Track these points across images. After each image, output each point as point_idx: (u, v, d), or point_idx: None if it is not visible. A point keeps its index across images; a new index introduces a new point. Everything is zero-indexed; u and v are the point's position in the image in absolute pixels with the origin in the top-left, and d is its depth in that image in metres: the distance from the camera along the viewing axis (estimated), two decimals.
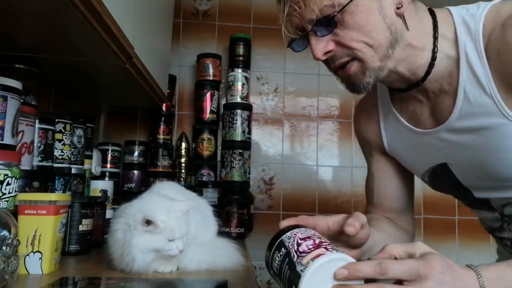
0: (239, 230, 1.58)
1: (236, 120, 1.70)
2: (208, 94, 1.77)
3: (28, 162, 0.99)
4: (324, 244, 0.53)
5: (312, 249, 0.52)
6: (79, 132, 1.29)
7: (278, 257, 0.55)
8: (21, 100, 0.91)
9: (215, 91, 1.78)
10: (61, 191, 1.13)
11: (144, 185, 1.65)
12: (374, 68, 0.68)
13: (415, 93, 0.76)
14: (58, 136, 1.15)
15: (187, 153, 1.79)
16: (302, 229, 0.58)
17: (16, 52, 1.01)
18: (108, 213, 1.28)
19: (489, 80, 0.66)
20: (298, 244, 0.54)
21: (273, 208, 1.85)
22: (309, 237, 0.55)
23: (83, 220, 1.02)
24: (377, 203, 0.93)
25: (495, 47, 0.65)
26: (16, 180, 0.84)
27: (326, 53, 0.68)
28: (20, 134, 0.96)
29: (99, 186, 1.37)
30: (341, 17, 0.65)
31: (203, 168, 1.73)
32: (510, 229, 0.80)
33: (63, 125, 1.17)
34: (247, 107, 1.74)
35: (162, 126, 1.76)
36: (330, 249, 0.51)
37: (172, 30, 1.68)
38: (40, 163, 1.05)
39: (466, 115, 0.70)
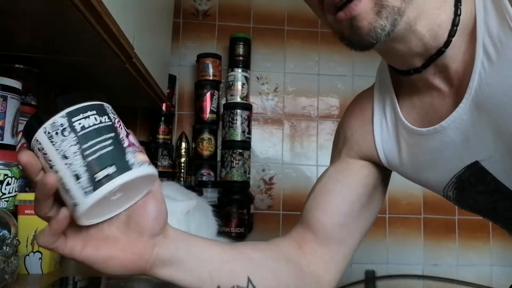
0: (239, 230, 1.58)
1: (236, 120, 1.70)
2: (208, 94, 1.77)
3: None
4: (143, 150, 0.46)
5: (142, 151, 0.45)
6: None
7: (97, 120, 0.41)
8: (21, 100, 0.91)
9: (215, 91, 1.78)
10: None
11: None
12: (394, 8, 0.48)
13: (433, 75, 0.55)
14: None
15: (187, 153, 1.79)
16: None
17: (16, 52, 1.00)
18: None
19: (506, 7, 0.48)
20: (127, 132, 0.45)
21: (273, 208, 1.85)
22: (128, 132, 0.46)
23: None
24: (306, 213, 0.67)
25: None
26: (16, 180, 0.84)
27: None
28: (20, 134, 0.96)
29: None
30: None
31: (203, 168, 1.73)
32: None
33: None
34: (247, 107, 1.74)
35: (162, 126, 1.76)
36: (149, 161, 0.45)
37: (172, 30, 1.68)
38: None
39: (489, 76, 0.50)
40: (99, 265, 0.44)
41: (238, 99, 1.75)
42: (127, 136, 0.43)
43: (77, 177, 0.39)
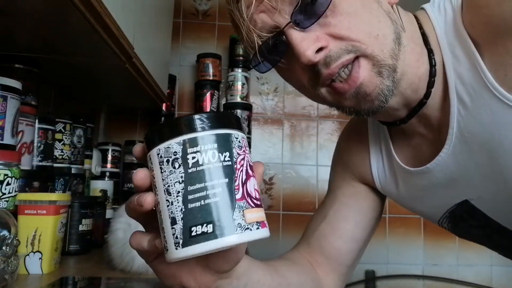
0: None
1: None
2: (208, 94, 1.77)
3: (28, 162, 0.99)
4: (261, 201, 0.38)
5: (259, 203, 0.37)
6: (79, 132, 1.29)
7: (214, 158, 0.34)
8: (21, 100, 0.91)
9: (215, 91, 1.78)
10: (61, 191, 1.13)
11: None
12: (389, 66, 0.48)
13: (417, 123, 0.57)
14: (58, 136, 1.15)
15: None
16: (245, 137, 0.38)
17: (16, 52, 1.00)
18: (108, 213, 1.28)
19: (475, 56, 0.48)
20: (247, 174, 0.36)
21: (273, 208, 1.85)
22: (253, 171, 0.38)
23: (83, 220, 1.02)
24: (319, 237, 0.68)
25: (468, 14, 0.49)
26: (16, 180, 0.84)
27: (318, 50, 0.47)
28: (20, 134, 0.96)
29: (99, 186, 1.37)
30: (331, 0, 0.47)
31: None
32: None
33: (63, 125, 1.17)
34: (247, 107, 1.74)
35: None
36: (265, 219, 0.38)
37: (172, 30, 1.68)
38: (40, 163, 1.05)
39: (467, 122, 0.51)
40: (160, 277, 0.44)
41: (238, 99, 1.75)
42: (244, 183, 0.35)
43: (174, 221, 0.34)
